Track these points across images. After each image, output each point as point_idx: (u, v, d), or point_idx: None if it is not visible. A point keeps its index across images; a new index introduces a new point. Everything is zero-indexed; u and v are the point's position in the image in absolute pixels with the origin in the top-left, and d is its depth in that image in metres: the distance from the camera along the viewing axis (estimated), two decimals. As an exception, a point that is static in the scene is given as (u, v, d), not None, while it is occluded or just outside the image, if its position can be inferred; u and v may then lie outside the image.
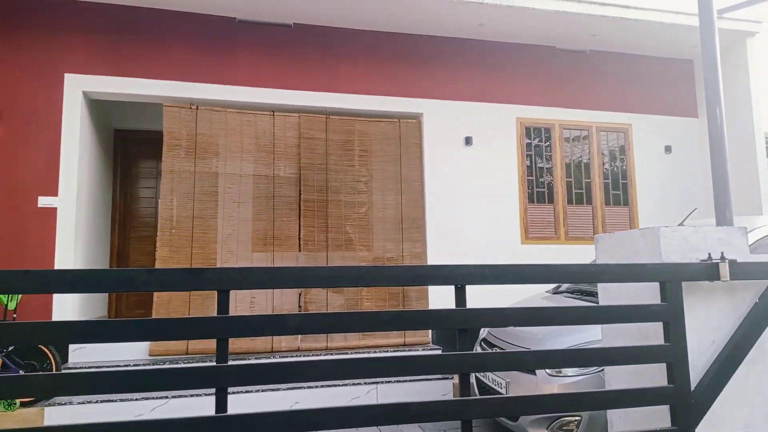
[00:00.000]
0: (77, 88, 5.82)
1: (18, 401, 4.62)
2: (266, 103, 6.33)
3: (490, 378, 4.41)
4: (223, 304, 2.18)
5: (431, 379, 5.70)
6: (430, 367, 2.48)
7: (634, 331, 2.72)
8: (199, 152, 6.15)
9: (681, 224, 3.22)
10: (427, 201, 6.72)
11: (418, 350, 6.19)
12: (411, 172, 6.75)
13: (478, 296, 2.91)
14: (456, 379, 5.74)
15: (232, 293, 5.94)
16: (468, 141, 6.92)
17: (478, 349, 4.85)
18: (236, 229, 6.14)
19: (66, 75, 5.78)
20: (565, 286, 5.06)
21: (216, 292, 2.18)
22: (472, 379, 4.74)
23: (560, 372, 3.81)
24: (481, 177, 6.92)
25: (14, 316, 5.01)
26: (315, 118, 6.51)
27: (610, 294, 2.99)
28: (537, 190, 7.16)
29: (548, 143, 7.27)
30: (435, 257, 6.62)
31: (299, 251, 6.25)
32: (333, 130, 6.55)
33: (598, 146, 7.45)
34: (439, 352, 5.92)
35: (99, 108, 6.48)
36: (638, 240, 2.72)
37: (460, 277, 2.39)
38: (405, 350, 6.19)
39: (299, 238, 6.27)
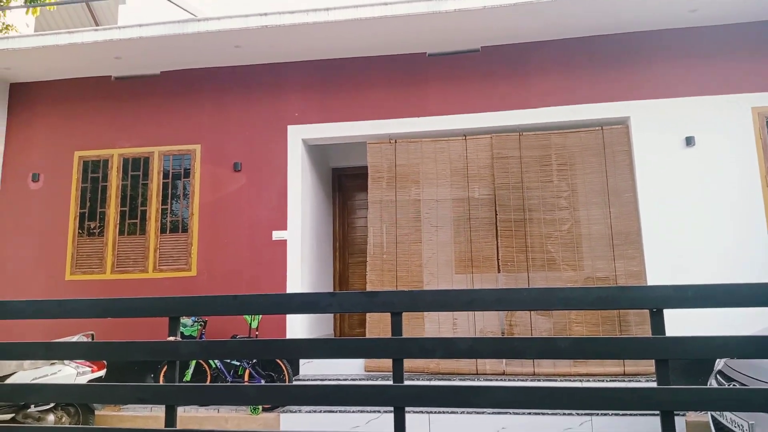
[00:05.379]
0: (298, 137, 6.75)
1: (261, 407, 5.42)
2: (458, 128, 6.46)
3: (729, 418, 3.69)
4: (397, 325, 2.27)
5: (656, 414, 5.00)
6: (625, 402, 2.20)
7: None
8: (399, 182, 6.55)
9: None
10: (642, 213, 6.02)
11: (640, 381, 5.51)
12: (619, 182, 6.15)
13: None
14: (690, 416, 4.95)
15: (434, 316, 6.15)
16: (689, 141, 6.03)
17: (713, 383, 4.13)
18: (435, 253, 6.33)
19: (288, 126, 6.76)
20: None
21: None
22: (708, 419, 4.08)
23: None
24: (709, 182, 5.94)
25: (257, 333, 5.94)
26: (507, 137, 6.40)
27: None
28: (790, 192, 5.85)
29: (801, 133, 5.91)
30: (656, 277, 5.85)
31: (498, 272, 6.14)
32: (527, 146, 6.35)
33: None
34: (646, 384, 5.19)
35: (317, 151, 7.40)
36: None
37: (653, 299, 2.10)
38: (623, 380, 5.56)
39: (498, 260, 6.17)
